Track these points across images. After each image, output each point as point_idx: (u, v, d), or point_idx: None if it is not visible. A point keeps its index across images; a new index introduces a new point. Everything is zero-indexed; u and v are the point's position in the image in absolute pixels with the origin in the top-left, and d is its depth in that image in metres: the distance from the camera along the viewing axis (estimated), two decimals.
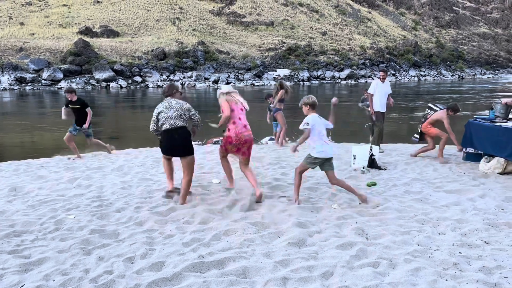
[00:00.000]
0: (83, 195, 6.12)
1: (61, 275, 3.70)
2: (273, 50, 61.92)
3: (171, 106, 5.47)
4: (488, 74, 77.82)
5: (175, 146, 5.46)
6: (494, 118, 7.88)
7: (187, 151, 5.50)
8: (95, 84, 43.33)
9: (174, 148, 5.48)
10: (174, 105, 5.48)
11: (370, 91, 9.16)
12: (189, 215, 5.17)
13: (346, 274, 3.61)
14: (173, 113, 5.42)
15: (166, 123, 5.41)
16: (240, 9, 74.02)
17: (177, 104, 5.49)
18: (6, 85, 40.36)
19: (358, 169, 7.41)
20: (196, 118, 5.64)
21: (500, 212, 5.18)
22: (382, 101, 9.11)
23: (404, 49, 74.67)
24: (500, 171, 7.00)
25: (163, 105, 5.52)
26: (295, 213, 5.15)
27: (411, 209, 5.31)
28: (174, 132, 5.40)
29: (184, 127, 5.48)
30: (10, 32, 53.68)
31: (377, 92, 9.07)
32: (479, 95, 34.68)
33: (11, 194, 6.27)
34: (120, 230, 4.74)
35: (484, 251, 4.07)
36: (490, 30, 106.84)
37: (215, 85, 47.45)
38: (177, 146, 5.46)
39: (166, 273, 3.67)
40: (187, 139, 5.51)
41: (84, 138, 9.05)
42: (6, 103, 30.13)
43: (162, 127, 5.45)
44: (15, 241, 4.48)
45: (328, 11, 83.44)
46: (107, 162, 8.38)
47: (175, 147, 5.47)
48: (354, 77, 57.50)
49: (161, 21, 63.72)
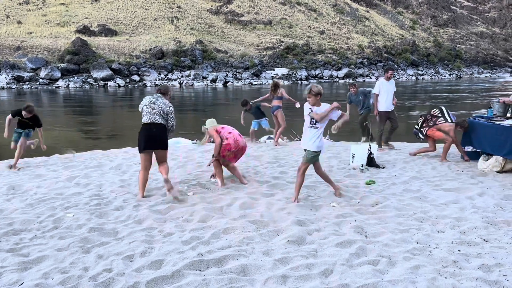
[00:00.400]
0: (82, 193, 6.11)
1: (60, 273, 3.69)
2: (271, 49, 61.92)
3: (156, 103, 5.84)
4: (486, 73, 78.02)
5: (152, 138, 5.74)
6: (493, 116, 7.89)
7: (163, 145, 5.86)
8: (93, 83, 43.24)
9: (151, 140, 5.75)
10: (159, 103, 5.85)
11: (375, 91, 9.06)
12: (188, 213, 5.16)
13: (346, 272, 3.61)
14: (155, 110, 5.80)
15: (146, 116, 5.80)
16: (238, 8, 73.99)
17: (162, 104, 5.86)
18: (3, 84, 40.25)
19: (356, 167, 7.41)
20: (171, 123, 5.96)
21: (499, 210, 5.19)
22: (388, 101, 8.99)
23: (402, 48, 74.78)
24: (499, 169, 7.02)
25: (149, 99, 5.90)
26: (294, 211, 5.15)
27: (410, 207, 5.32)
28: (152, 126, 5.75)
29: (162, 124, 5.83)
30: (8, 30, 53.53)
31: (382, 92, 8.94)
32: (476, 94, 34.75)
33: (10, 192, 6.25)
34: (119, 228, 4.73)
35: (483, 249, 4.07)
36: (488, 29, 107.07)
37: (213, 84, 47.41)
38: (154, 138, 5.75)
39: (166, 271, 3.66)
40: (164, 134, 5.86)
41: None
42: (4, 102, 30.04)
43: (142, 120, 5.83)
44: (13, 240, 4.47)
45: (326, 10, 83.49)
46: (106, 160, 8.37)
47: (152, 139, 5.75)
48: (352, 76, 57.56)
49: (159, 20, 63.63)
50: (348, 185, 6.34)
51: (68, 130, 16.92)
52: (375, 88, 9.13)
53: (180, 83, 46.33)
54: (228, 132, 6.37)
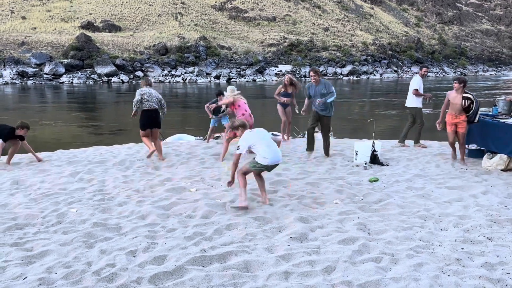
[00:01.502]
0: (85, 188, 6.12)
1: (63, 267, 3.71)
2: (275, 45, 61.73)
3: (151, 94, 7.93)
4: (491, 71, 77.49)
5: (152, 121, 7.92)
6: (497, 114, 7.85)
7: (159, 125, 8.06)
8: (97, 79, 43.28)
9: (152, 122, 7.92)
10: (153, 94, 7.98)
11: (416, 87, 8.94)
12: (191, 209, 5.17)
13: (349, 269, 3.61)
14: (153, 99, 7.91)
15: (146, 104, 7.83)
16: (242, 4, 73.78)
17: (155, 94, 8.05)
18: (8, 79, 40.34)
19: (360, 164, 7.40)
20: (165, 106, 8.16)
21: (503, 208, 5.17)
22: (421, 97, 9.01)
23: (407, 45, 74.39)
24: (503, 167, 6.99)
25: (145, 90, 7.93)
26: (297, 208, 5.15)
27: (413, 205, 5.31)
28: (152, 112, 7.88)
29: (158, 109, 7.99)
30: (12, 26, 53.59)
31: (420, 89, 8.91)
32: (480, 92, 34.56)
33: (14, 187, 6.28)
34: (122, 223, 4.75)
35: (486, 247, 4.06)
36: (493, 27, 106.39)
37: (217, 80, 47.36)
38: (153, 121, 7.93)
39: (168, 266, 3.67)
40: (159, 117, 8.05)
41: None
42: (8, 97, 30.14)
43: (142, 106, 7.83)
44: (17, 234, 4.49)
45: (330, 6, 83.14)
46: (109, 156, 8.38)
47: (152, 122, 7.92)
48: (356, 73, 57.33)
49: (163, 16, 63.56)
50: (352, 182, 6.33)
51: (72, 126, 16.96)
52: (416, 84, 8.95)
53: (183, 79, 46.30)
54: (241, 113, 7.79)
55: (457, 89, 7.39)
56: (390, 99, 28.43)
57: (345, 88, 40.43)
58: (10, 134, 7.65)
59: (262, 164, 5.04)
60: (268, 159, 5.02)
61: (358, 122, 10.60)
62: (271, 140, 5.23)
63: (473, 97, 7.35)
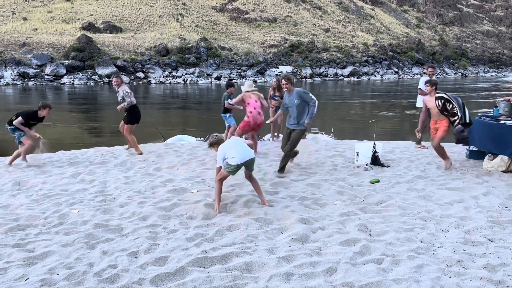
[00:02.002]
0: (87, 189, 6.13)
1: (65, 268, 3.72)
2: (276, 46, 61.76)
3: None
4: (492, 72, 77.45)
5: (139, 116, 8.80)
6: (498, 116, 7.85)
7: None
8: (98, 80, 43.32)
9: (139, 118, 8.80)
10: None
11: (420, 87, 8.94)
12: (192, 210, 5.18)
13: (350, 270, 3.61)
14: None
15: (134, 100, 8.65)
16: (243, 5, 73.83)
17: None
18: (9, 80, 40.39)
19: (361, 166, 7.40)
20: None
21: (504, 210, 5.17)
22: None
23: (407, 46, 74.37)
24: (504, 169, 6.98)
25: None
26: (298, 209, 5.15)
27: (414, 206, 5.31)
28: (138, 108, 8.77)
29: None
30: (13, 27, 53.64)
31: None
32: (480, 94, 34.55)
33: (15, 188, 6.29)
34: (124, 224, 4.75)
35: (488, 249, 4.06)
36: (494, 28, 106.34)
37: (218, 81, 47.38)
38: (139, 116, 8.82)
39: (170, 267, 3.68)
40: None
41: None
42: (9, 98, 30.17)
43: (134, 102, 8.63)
44: (19, 235, 4.50)
45: (331, 8, 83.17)
46: (110, 157, 8.40)
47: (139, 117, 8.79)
48: (356, 74, 57.33)
49: (164, 17, 63.62)
50: (353, 184, 6.33)
51: (73, 127, 16.97)
52: (420, 84, 9.03)
53: (184, 81, 46.33)
54: (249, 111, 7.96)
55: (430, 92, 7.32)
56: (390, 100, 28.43)
57: (345, 89, 40.43)
58: (32, 115, 7.64)
59: (232, 164, 5.15)
60: (235, 158, 5.13)
61: (359, 123, 10.59)
62: (242, 144, 5.33)
63: (447, 96, 7.18)
